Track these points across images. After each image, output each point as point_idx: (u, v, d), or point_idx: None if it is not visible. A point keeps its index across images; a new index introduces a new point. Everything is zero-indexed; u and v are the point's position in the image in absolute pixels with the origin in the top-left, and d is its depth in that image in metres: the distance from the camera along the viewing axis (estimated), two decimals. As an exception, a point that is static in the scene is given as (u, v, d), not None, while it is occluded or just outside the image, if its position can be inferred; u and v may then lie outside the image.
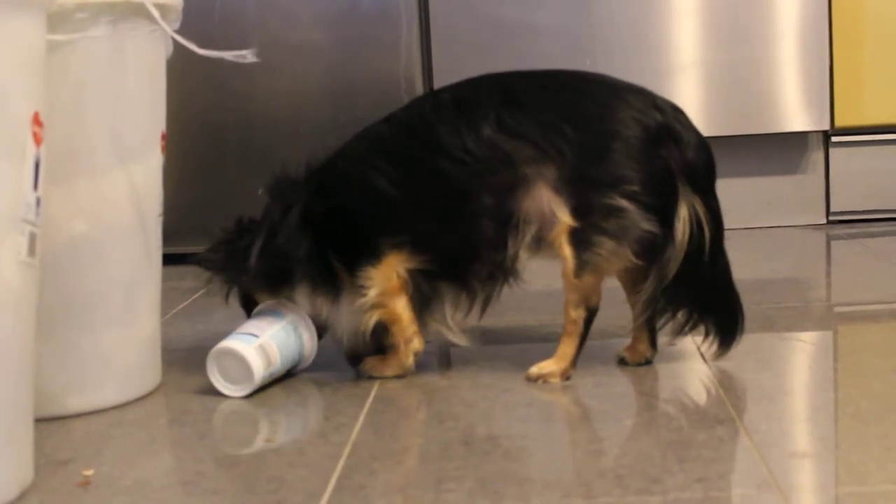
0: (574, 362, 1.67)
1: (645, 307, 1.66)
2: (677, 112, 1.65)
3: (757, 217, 2.89)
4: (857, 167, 2.88)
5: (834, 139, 2.87)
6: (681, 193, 1.61)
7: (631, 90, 1.66)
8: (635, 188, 1.59)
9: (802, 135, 2.88)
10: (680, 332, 1.67)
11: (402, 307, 1.68)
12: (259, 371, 1.65)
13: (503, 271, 1.68)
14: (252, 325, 1.71)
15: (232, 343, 1.67)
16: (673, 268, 1.61)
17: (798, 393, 1.65)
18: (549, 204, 1.61)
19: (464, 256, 1.67)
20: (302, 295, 1.73)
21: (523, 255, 1.66)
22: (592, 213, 1.60)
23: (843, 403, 1.55)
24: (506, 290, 1.72)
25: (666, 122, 1.62)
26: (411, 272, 1.67)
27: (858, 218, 2.90)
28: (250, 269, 1.71)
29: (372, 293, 1.66)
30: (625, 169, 1.59)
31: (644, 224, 1.59)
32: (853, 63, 2.82)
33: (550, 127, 1.61)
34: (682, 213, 1.60)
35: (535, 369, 1.67)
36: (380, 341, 1.72)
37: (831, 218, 2.91)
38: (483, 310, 1.73)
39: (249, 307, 1.79)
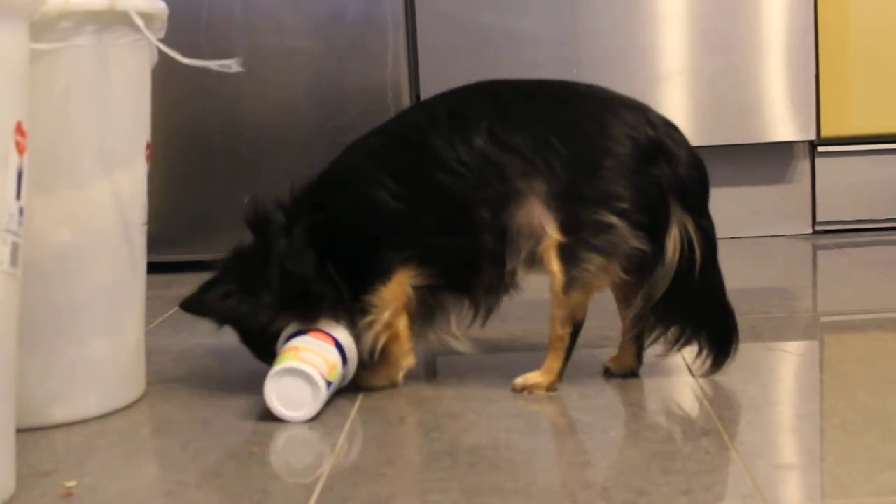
0: (560, 376, 1.66)
1: (634, 323, 1.66)
2: (671, 128, 1.63)
3: (743, 226, 2.90)
4: (844, 177, 2.88)
5: (820, 149, 2.88)
6: (672, 212, 1.59)
7: (624, 104, 1.64)
8: (625, 205, 1.57)
9: (789, 144, 2.88)
10: (672, 347, 1.66)
11: (403, 326, 1.67)
12: (324, 391, 1.58)
13: (504, 284, 1.67)
14: (303, 343, 1.63)
15: (296, 363, 1.57)
16: (662, 287, 1.60)
17: (784, 404, 1.65)
18: (539, 219, 1.60)
19: (468, 269, 1.65)
20: (326, 317, 1.67)
21: (520, 271, 1.64)
22: (582, 229, 1.58)
23: (829, 415, 1.55)
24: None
25: (658, 139, 1.60)
26: (417, 288, 1.65)
27: (845, 228, 2.90)
28: (274, 305, 1.66)
29: (385, 315, 1.64)
30: (615, 185, 1.58)
31: (634, 241, 1.58)
32: (839, 73, 2.83)
33: (541, 141, 1.60)
34: (673, 233, 1.59)
35: (520, 380, 1.66)
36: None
37: (817, 228, 2.91)
38: (486, 318, 1.71)
39: (262, 346, 1.71)
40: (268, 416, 1.60)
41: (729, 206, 2.88)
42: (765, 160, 2.89)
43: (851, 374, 1.74)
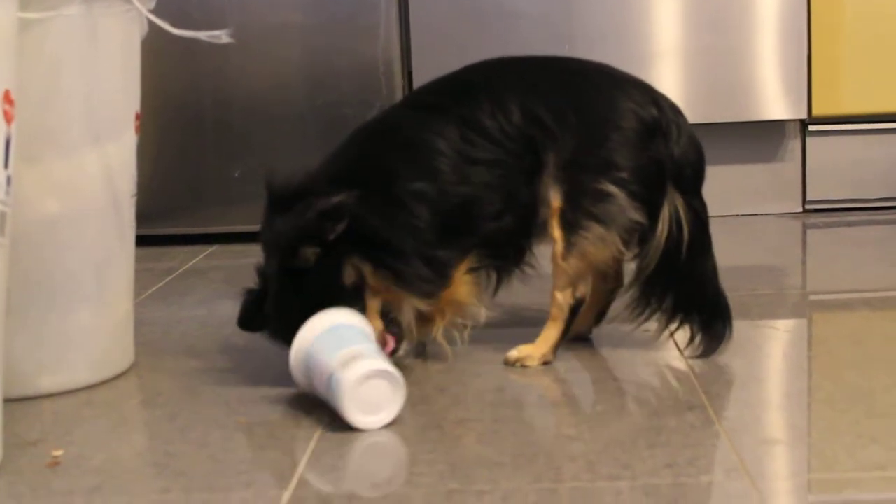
0: (555, 348, 1.67)
1: (635, 302, 1.67)
2: (676, 112, 1.65)
3: (733, 205, 2.90)
4: (834, 156, 2.88)
5: (811, 128, 2.87)
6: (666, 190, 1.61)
7: (634, 83, 1.67)
8: (625, 175, 1.60)
9: (780, 123, 2.88)
10: (664, 330, 1.67)
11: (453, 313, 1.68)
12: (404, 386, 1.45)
13: (528, 253, 1.69)
14: (358, 337, 1.50)
15: (379, 363, 1.44)
16: (652, 262, 1.61)
17: (770, 380, 1.66)
18: (549, 188, 1.62)
19: (509, 243, 1.67)
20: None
21: (535, 240, 1.67)
22: (582, 197, 1.60)
23: (815, 391, 1.55)
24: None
25: (660, 119, 1.62)
26: (471, 270, 1.65)
27: (834, 207, 2.90)
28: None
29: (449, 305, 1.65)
30: (617, 157, 1.60)
31: (632, 213, 1.60)
32: (831, 52, 2.82)
33: (559, 114, 1.62)
34: (664, 211, 1.61)
35: (514, 352, 1.67)
36: None
37: (807, 206, 2.91)
38: (501, 287, 1.72)
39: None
40: (256, 388, 1.60)
41: (720, 184, 2.87)
42: (756, 139, 2.89)
43: (838, 351, 1.74)
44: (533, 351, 1.66)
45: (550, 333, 1.67)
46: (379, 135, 1.70)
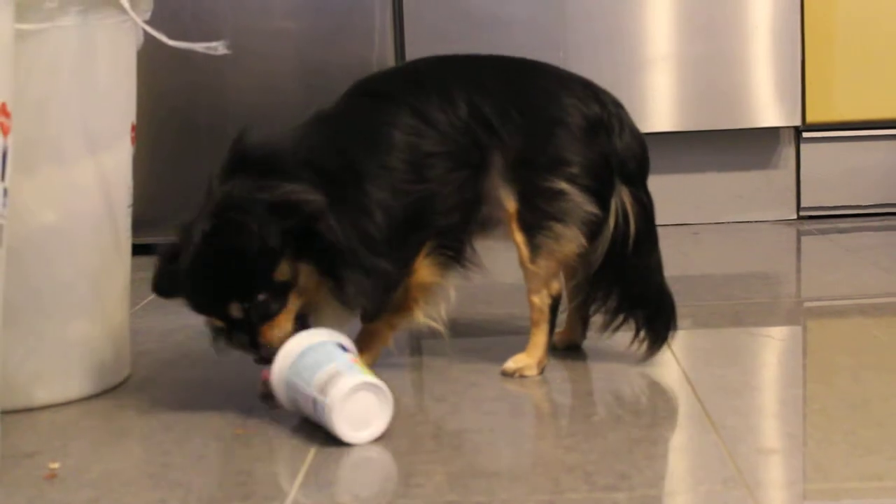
0: (546, 351, 1.67)
1: (575, 293, 1.70)
2: (618, 108, 1.67)
3: (727, 212, 2.90)
4: (828, 163, 2.89)
5: (805, 135, 2.88)
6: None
7: (575, 80, 1.69)
8: (574, 171, 1.61)
9: (774, 130, 2.89)
10: (609, 325, 1.69)
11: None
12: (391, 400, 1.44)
13: (471, 246, 1.69)
14: (342, 355, 1.47)
15: (365, 376, 1.43)
16: (600, 255, 1.63)
17: (766, 389, 1.66)
18: (498, 189, 1.63)
19: (459, 235, 1.67)
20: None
21: (477, 236, 1.69)
22: (536, 197, 1.62)
23: (810, 400, 1.56)
24: (476, 282, 1.73)
25: (602, 114, 1.64)
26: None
27: (828, 213, 2.91)
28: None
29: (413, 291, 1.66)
30: (565, 153, 1.62)
31: (587, 206, 1.61)
32: (825, 59, 2.83)
33: (504, 113, 1.64)
34: (612, 203, 1.63)
35: (510, 364, 1.67)
36: None
37: (802, 213, 2.92)
38: None
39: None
40: (253, 399, 1.60)
41: (713, 191, 2.88)
42: (750, 146, 2.89)
43: (833, 359, 1.75)
44: (528, 360, 1.67)
45: (538, 338, 1.68)
46: (340, 122, 1.69)
